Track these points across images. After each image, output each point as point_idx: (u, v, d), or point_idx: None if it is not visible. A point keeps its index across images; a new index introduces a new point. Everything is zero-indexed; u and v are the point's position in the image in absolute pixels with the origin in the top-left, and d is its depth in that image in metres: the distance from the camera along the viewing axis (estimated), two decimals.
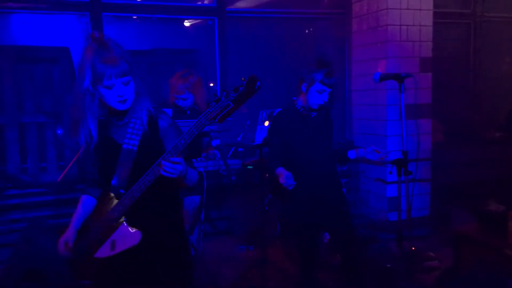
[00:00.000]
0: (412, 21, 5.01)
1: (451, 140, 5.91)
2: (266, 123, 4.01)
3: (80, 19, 4.95)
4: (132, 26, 5.14)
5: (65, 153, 4.46)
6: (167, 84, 3.91)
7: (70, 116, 2.13)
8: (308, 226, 3.10)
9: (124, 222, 2.12)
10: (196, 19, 5.48)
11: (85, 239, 2.17)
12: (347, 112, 5.76)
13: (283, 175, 2.80)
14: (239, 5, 5.63)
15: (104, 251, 2.13)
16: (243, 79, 1.92)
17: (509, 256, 3.20)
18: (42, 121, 4.44)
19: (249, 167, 4.42)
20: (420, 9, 5.03)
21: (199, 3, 5.63)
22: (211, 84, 5.44)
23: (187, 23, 5.28)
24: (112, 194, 2.14)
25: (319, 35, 6.06)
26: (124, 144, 2.14)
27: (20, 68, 4.41)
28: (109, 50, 2.02)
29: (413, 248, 4.28)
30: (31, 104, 4.44)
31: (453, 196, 5.14)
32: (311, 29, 6.03)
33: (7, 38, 4.80)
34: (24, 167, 4.42)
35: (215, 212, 4.82)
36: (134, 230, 2.12)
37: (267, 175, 3.78)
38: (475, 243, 3.56)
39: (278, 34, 5.79)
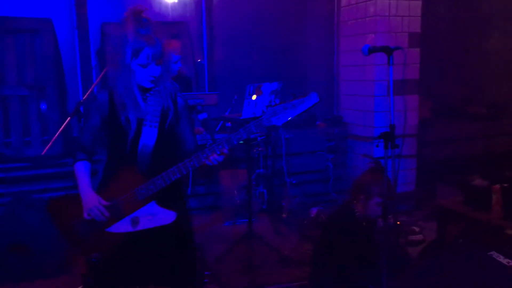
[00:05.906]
0: None
1: (437, 116, 5.93)
2: (254, 97, 3.97)
3: None
4: None
5: (49, 127, 4.38)
6: None
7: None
8: None
9: (154, 201, 2.11)
10: None
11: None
12: (335, 87, 5.73)
13: None
14: None
15: (122, 227, 2.12)
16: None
17: (492, 229, 3.25)
18: (25, 94, 4.34)
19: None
20: None
21: None
22: (199, 60, 5.35)
23: None
24: (136, 171, 2.11)
25: (307, 9, 5.97)
26: (146, 121, 2.13)
27: (0, 40, 4.28)
28: (145, 27, 2.02)
29: (398, 223, 4.34)
30: (13, 77, 4.33)
31: (439, 171, 5.19)
32: (299, 3, 5.94)
33: None
34: (7, 141, 4.34)
35: (202, 187, 4.81)
36: (167, 210, 2.13)
37: None
38: (459, 217, 3.61)
39: (266, 8, 5.69)
